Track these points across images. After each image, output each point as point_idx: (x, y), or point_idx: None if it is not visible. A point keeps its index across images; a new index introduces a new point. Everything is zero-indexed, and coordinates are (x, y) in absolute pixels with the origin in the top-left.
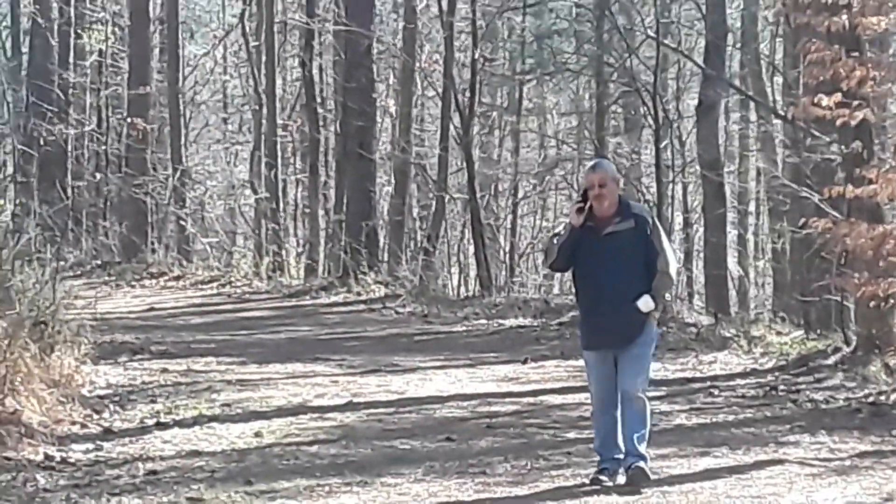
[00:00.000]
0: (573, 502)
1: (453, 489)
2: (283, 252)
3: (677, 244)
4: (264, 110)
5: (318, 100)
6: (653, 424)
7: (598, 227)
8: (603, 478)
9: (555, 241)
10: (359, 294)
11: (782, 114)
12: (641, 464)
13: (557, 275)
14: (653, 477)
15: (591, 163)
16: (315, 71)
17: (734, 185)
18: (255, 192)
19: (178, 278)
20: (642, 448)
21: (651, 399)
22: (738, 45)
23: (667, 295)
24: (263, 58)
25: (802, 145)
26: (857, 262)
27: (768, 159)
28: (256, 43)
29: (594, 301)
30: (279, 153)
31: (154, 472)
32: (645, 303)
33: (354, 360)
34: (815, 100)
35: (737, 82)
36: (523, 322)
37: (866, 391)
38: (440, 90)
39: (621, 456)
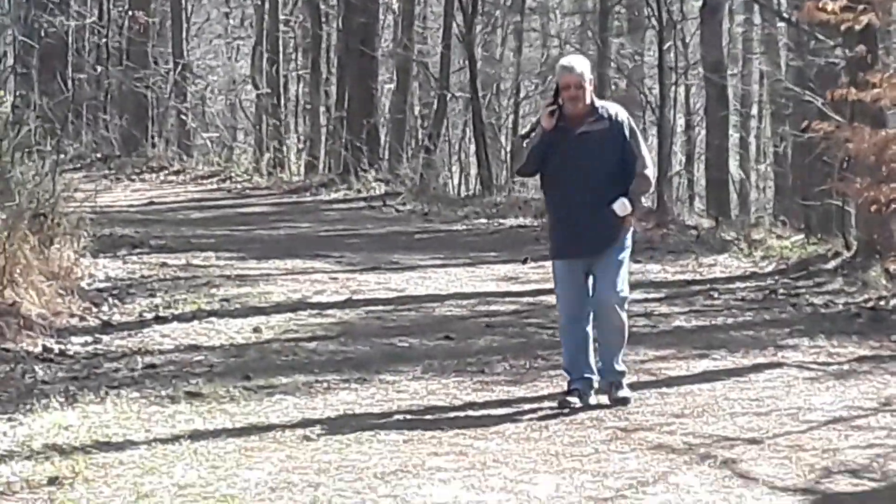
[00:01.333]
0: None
1: (451, 387)
2: (284, 148)
3: (679, 147)
4: (266, 5)
5: None
6: (651, 326)
7: (571, 127)
8: (572, 399)
9: (524, 145)
10: (359, 191)
11: (787, 17)
12: (624, 389)
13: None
14: (631, 395)
15: (565, 61)
16: None
17: (737, 87)
18: (256, 87)
19: (178, 173)
20: (621, 367)
21: (650, 301)
22: None
23: (644, 200)
24: None
25: (806, 49)
26: (858, 167)
27: (772, 62)
28: None
29: (566, 205)
30: (281, 49)
31: (153, 366)
32: (621, 205)
33: (354, 257)
34: (820, 3)
35: None
36: (523, 222)
37: (866, 296)
38: None
39: (593, 376)
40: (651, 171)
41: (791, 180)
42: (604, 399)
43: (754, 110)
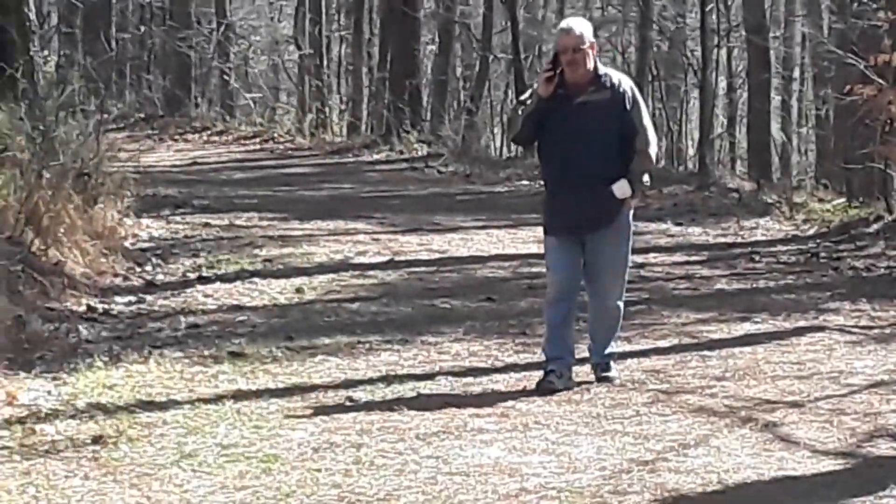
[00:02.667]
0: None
1: (493, 349)
2: (326, 109)
3: (720, 109)
4: None
5: None
6: (693, 289)
7: (570, 95)
8: (551, 380)
9: (520, 112)
10: (401, 152)
11: None
12: (611, 371)
13: None
14: (617, 375)
15: (563, 23)
16: None
17: (779, 50)
18: (298, 48)
19: (220, 133)
20: (611, 350)
21: (692, 264)
22: None
23: (646, 179)
24: None
25: (849, 11)
26: None
27: (814, 24)
28: None
29: (561, 178)
30: (323, 9)
31: (196, 326)
32: (621, 188)
33: (396, 218)
34: None
35: None
36: None
37: None
38: None
39: (571, 360)
40: (653, 148)
41: (833, 143)
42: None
43: (796, 73)
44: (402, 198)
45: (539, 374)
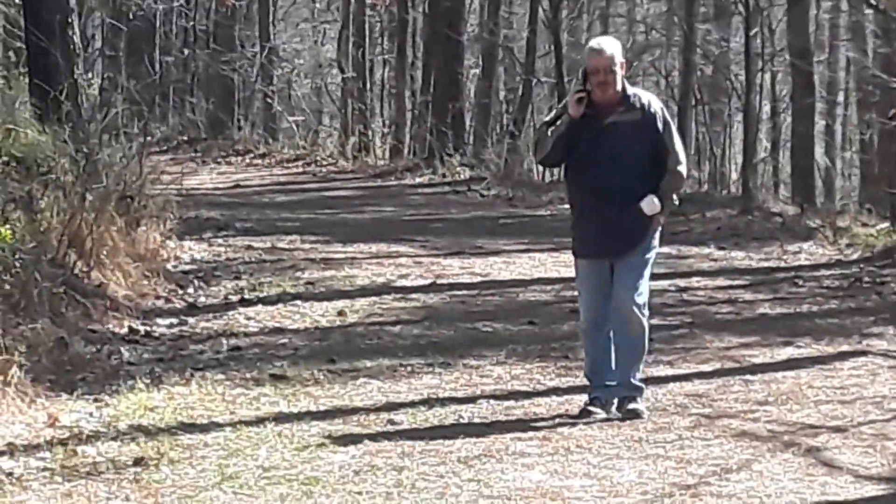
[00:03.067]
0: (654, 388)
1: (535, 372)
2: (369, 132)
3: (764, 133)
4: None
5: None
6: (736, 313)
7: (599, 116)
8: (594, 409)
9: (549, 133)
10: (444, 176)
11: (874, 3)
12: (638, 404)
13: None
14: (645, 411)
15: (594, 43)
16: None
17: (823, 74)
18: (342, 71)
19: (263, 156)
20: (637, 379)
21: (735, 288)
22: None
23: (675, 199)
24: None
25: (894, 35)
26: None
27: (859, 49)
28: None
29: (590, 201)
30: (367, 32)
31: (237, 348)
32: (649, 204)
33: (438, 241)
34: None
35: None
36: None
37: None
38: None
39: (615, 382)
40: (684, 168)
41: (877, 168)
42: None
43: (840, 97)
44: (445, 221)
45: (581, 397)
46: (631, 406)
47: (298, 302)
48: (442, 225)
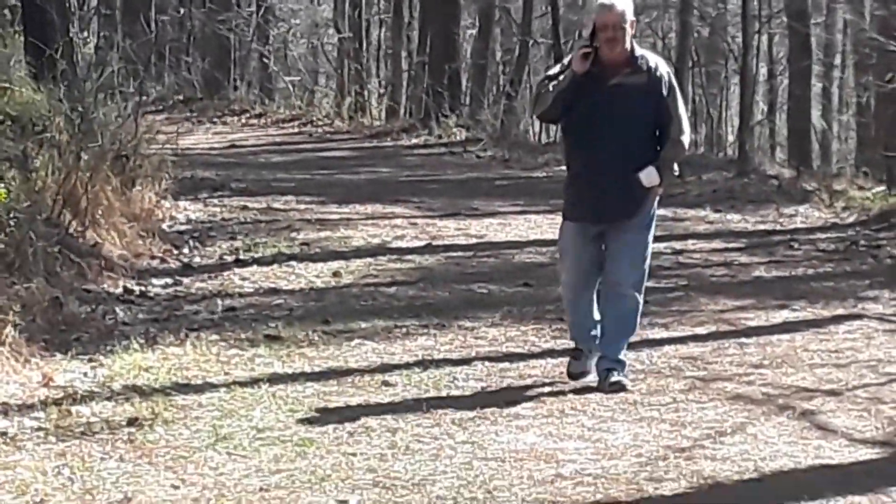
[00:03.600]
0: (649, 350)
1: (530, 334)
2: (365, 92)
3: (761, 96)
4: None
5: None
6: (731, 276)
7: (603, 75)
8: (580, 366)
9: (550, 87)
10: (440, 137)
11: None
12: (621, 377)
13: None
14: (628, 383)
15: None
16: None
17: (820, 36)
18: (338, 31)
19: (259, 116)
20: (622, 354)
21: (730, 250)
22: None
23: (675, 168)
24: None
25: None
26: None
27: (856, 11)
28: None
29: (587, 162)
30: None
31: (232, 309)
32: (648, 175)
33: (434, 202)
34: None
35: None
36: None
37: None
38: None
39: (596, 333)
40: (686, 137)
41: (874, 131)
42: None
43: (837, 60)
44: (441, 182)
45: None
46: (615, 378)
47: (293, 263)
48: (437, 186)
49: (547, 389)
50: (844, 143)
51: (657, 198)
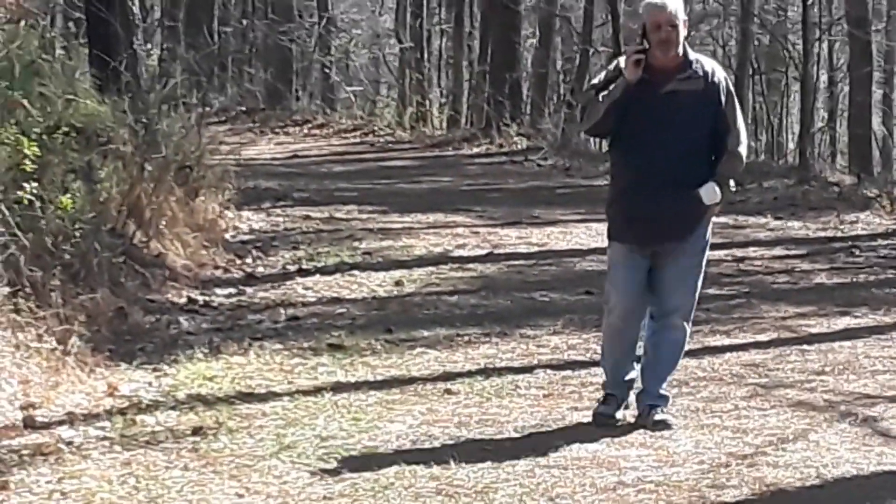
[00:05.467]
0: (710, 357)
1: (592, 342)
2: (427, 102)
3: (821, 103)
4: None
5: None
6: (792, 283)
7: (656, 81)
8: (609, 410)
9: (600, 98)
10: (501, 146)
11: None
12: (666, 415)
13: None
14: (674, 421)
15: None
16: None
17: (881, 43)
18: (399, 41)
19: (321, 126)
20: (665, 393)
21: (792, 257)
22: None
23: (733, 185)
24: None
25: None
26: None
27: None
28: None
29: (640, 179)
30: (425, 3)
31: (295, 318)
32: (708, 192)
33: (495, 211)
34: None
35: None
36: None
37: None
38: None
39: (634, 379)
40: (745, 149)
41: None
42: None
43: None
44: (502, 191)
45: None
46: (659, 417)
47: (356, 272)
48: (499, 195)
49: None
50: None
51: (713, 217)
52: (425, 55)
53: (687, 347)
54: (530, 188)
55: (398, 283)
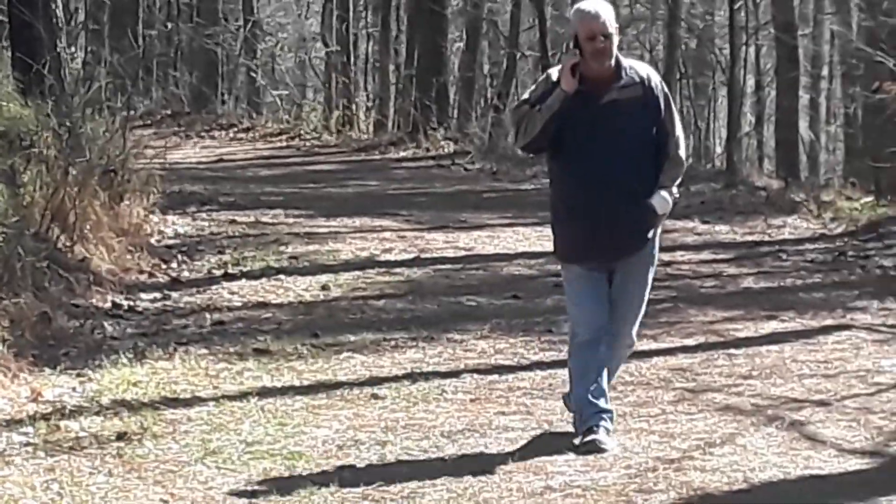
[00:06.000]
0: (638, 362)
1: (519, 346)
2: (353, 106)
3: (748, 107)
4: None
5: None
6: (720, 287)
7: (594, 92)
8: (601, 439)
9: (537, 110)
10: (427, 150)
11: None
12: (600, 435)
13: None
14: (610, 446)
15: (587, 6)
16: None
17: (808, 48)
18: (325, 45)
19: (247, 130)
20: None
21: (719, 262)
22: None
23: (675, 191)
24: None
25: (878, 9)
26: None
27: (843, 22)
28: None
29: (587, 195)
30: (351, 6)
31: (221, 323)
32: (660, 201)
33: (422, 215)
34: None
35: None
36: None
37: None
38: None
39: (610, 408)
40: (684, 152)
41: (861, 142)
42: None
43: (825, 71)
44: (429, 195)
45: (564, 372)
46: (592, 437)
47: (282, 276)
48: (426, 199)
49: (536, 402)
50: (832, 154)
51: (660, 225)
52: (352, 59)
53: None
54: (457, 192)
55: (325, 288)
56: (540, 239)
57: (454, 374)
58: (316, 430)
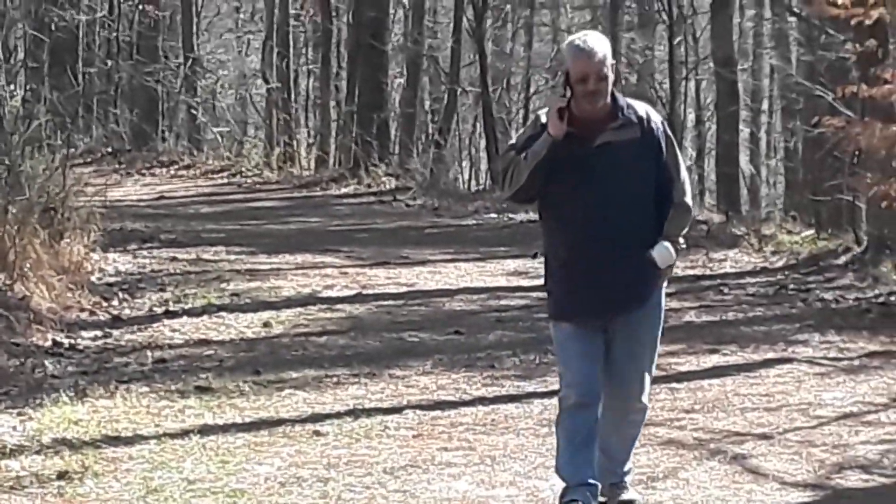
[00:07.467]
0: None
1: (461, 382)
2: (294, 143)
3: (689, 142)
4: None
5: None
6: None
7: (586, 135)
8: None
9: (524, 157)
10: (369, 186)
11: (797, 11)
12: (631, 493)
13: None
14: (639, 498)
15: (580, 41)
16: None
17: (748, 82)
18: (266, 81)
19: (188, 167)
20: (629, 466)
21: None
22: None
23: (682, 242)
24: None
25: (817, 43)
26: (869, 162)
27: (782, 57)
28: None
29: (581, 246)
30: (291, 43)
31: (163, 361)
32: (662, 253)
33: (364, 251)
34: None
35: None
36: (533, 216)
37: (876, 291)
38: None
39: (597, 481)
40: (690, 199)
41: (801, 175)
42: None
43: (765, 105)
44: (370, 231)
45: (507, 408)
46: (626, 496)
47: (224, 313)
48: (367, 235)
49: (479, 437)
50: (773, 188)
51: (666, 281)
52: (292, 95)
53: (556, 387)
54: (399, 228)
55: (266, 325)
56: (482, 274)
57: (396, 410)
58: (258, 467)
